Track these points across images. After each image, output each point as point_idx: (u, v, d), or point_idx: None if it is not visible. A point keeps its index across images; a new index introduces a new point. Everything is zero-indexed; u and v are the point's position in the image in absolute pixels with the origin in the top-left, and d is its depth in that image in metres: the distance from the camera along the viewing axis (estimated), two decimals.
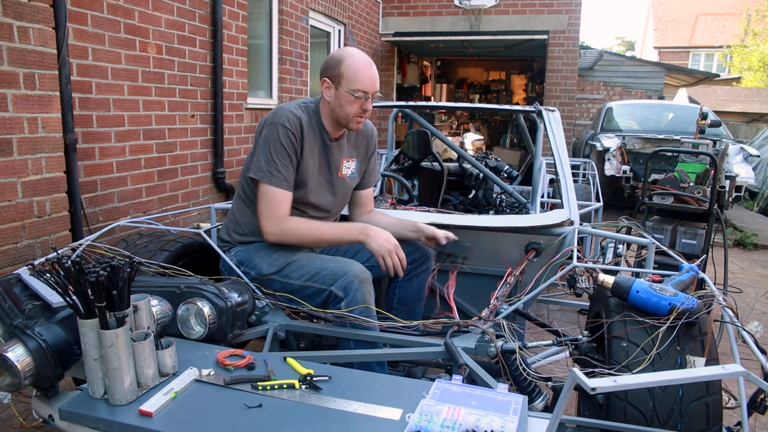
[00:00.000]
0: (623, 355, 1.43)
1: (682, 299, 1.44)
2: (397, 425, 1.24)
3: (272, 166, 1.90)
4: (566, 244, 2.19)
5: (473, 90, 14.49)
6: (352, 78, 1.92)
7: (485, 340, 1.65)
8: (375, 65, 1.99)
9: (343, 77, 1.92)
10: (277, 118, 1.92)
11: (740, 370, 1.03)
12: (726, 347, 1.60)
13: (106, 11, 3.43)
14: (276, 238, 1.94)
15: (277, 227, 1.92)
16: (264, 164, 1.90)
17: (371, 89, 1.95)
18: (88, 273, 1.25)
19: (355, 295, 1.78)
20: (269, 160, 1.90)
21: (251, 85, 5.41)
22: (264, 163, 1.90)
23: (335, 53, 1.98)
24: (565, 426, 1.35)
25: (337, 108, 1.97)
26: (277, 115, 1.93)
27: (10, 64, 2.63)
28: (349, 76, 1.92)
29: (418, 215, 2.47)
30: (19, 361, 1.31)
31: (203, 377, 1.42)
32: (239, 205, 2.09)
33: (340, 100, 1.95)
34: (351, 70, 1.92)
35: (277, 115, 1.93)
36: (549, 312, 3.69)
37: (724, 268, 3.08)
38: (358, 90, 1.92)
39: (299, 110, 1.97)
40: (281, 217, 1.92)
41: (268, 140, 1.91)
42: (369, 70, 1.95)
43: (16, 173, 2.73)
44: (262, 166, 1.91)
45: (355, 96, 1.93)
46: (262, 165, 1.91)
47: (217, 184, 4.79)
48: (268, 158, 1.90)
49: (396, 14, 9.71)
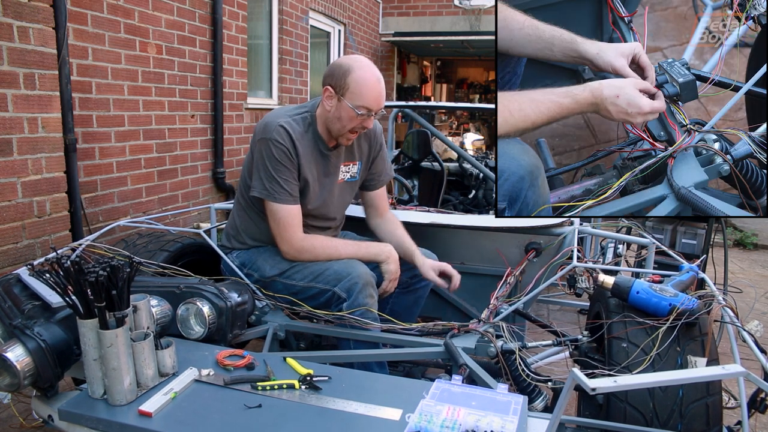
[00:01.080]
0: (623, 356, 1.42)
1: (682, 299, 1.44)
2: (397, 425, 1.24)
3: (273, 183, 1.85)
4: (566, 244, 2.19)
5: (473, 90, 14.50)
6: (358, 93, 1.81)
7: (485, 341, 1.65)
8: (383, 80, 1.89)
9: (348, 89, 1.81)
10: (267, 133, 1.85)
11: (740, 370, 1.03)
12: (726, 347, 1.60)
13: (106, 11, 3.42)
14: (292, 257, 1.91)
15: (292, 248, 1.89)
16: (266, 182, 1.86)
17: (376, 107, 1.84)
18: (88, 273, 1.25)
19: (358, 297, 1.78)
20: (270, 177, 1.85)
21: (251, 85, 5.41)
22: (265, 181, 1.86)
23: (343, 61, 1.86)
24: (565, 426, 1.34)
25: (335, 120, 1.87)
26: (267, 130, 1.85)
27: (10, 64, 2.63)
28: (354, 90, 1.80)
29: (418, 215, 2.47)
30: (18, 361, 1.31)
31: (203, 377, 1.42)
32: (239, 212, 2.06)
33: (340, 112, 1.84)
34: (358, 84, 1.80)
35: (267, 130, 1.85)
36: (549, 312, 3.69)
37: (724, 268, 3.08)
38: (362, 107, 1.82)
39: (290, 122, 1.88)
40: (295, 237, 1.89)
41: (264, 157, 1.86)
42: (377, 86, 1.83)
43: (16, 173, 2.73)
44: (264, 184, 1.86)
45: (358, 113, 1.82)
46: (264, 184, 1.86)
47: (217, 184, 4.79)
48: (268, 175, 1.85)
49: (396, 14, 9.71)
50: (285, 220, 1.87)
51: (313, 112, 1.95)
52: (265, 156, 1.85)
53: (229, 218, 2.13)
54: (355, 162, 2.09)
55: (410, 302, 2.18)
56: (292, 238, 1.88)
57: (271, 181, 1.85)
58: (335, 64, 1.87)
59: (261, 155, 1.87)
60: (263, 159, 1.86)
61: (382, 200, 2.21)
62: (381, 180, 2.19)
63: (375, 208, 2.19)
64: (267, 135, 1.85)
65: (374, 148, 2.14)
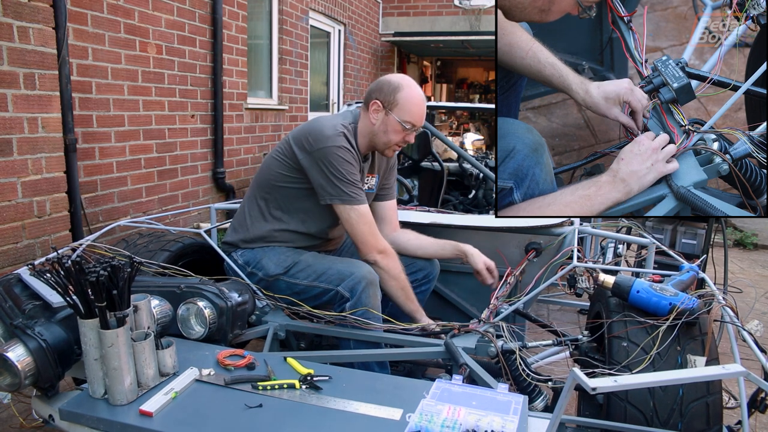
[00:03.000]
0: (623, 355, 1.43)
1: (682, 299, 1.45)
2: (398, 425, 1.24)
3: (353, 187, 1.90)
4: (566, 244, 2.19)
5: (473, 90, 14.49)
6: (407, 109, 1.92)
7: (485, 340, 1.65)
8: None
9: (397, 105, 1.91)
10: (333, 141, 1.88)
11: (740, 370, 1.03)
12: (726, 347, 1.60)
13: (106, 11, 3.43)
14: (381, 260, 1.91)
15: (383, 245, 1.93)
16: (343, 187, 1.88)
17: (419, 124, 1.97)
18: (89, 273, 1.25)
19: (361, 297, 1.78)
20: (348, 182, 1.89)
21: (251, 85, 5.41)
22: (343, 186, 1.88)
23: (392, 78, 1.97)
24: (565, 426, 1.35)
25: (381, 133, 1.96)
26: (332, 138, 1.89)
27: (10, 64, 2.63)
28: (403, 107, 1.91)
29: (418, 215, 2.47)
30: (19, 361, 1.31)
31: (203, 377, 1.42)
32: (253, 213, 2.05)
33: (387, 126, 1.94)
34: (407, 101, 1.92)
35: (332, 138, 1.89)
36: (549, 312, 3.69)
37: (724, 268, 3.08)
38: (409, 122, 1.93)
39: (346, 131, 1.94)
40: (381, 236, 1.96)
41: (336, 163, 1.87)
42: (423, 105, 1.95)
43: (16, 173, 2.73)
44: (344, 190, 1.88)
45: (405, 127, 1.93)
46: (342, 189, 1.88)
47: (217, 184, 4.79)
48: (345, 181, 1.88)
49: (396, 14, 9.71)
50: (371, 220, 1.93)
51: (356, 123, 2.01)
52: (337, 162, 1.88)
53: (237, 215, 2.13)
54: (374, 174, 2.15)
55: None
56: (380, 237, 1.94)
57: (350, 185, 1.89)
58: (384, 80, 1.97)
59: (329, 163, 1.88)
60: (334, 166, 1.88)
61: (395, 213, 2.26)
62: (393, 192, 2.26)
63: (389, 222, 2.23)
64: (334, 143, 1.88)
65: (390, 162, 2.23)
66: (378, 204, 2.22)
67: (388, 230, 2.20)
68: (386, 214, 2.22)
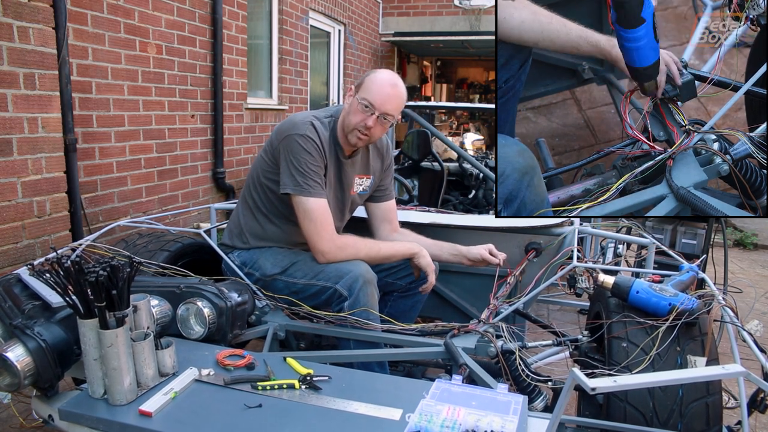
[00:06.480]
0: (623, 356, 1.42)
1: (682, 299, 1.44)
2: (397, 425, 1.24)
3: (306, 177, 1.84)
4: (566, 244, 2.19)
5: (473, 90, 14.49)
6: (367, 88, 1.88)
7: (485, 341, 1.65)
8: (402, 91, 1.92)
9: (362, 86, 1.90)
10: (296, 129, 1.87)
11: (740, 370, 1.03)
12: (726, 347, 1.60)
13: (106, 11, 3.43)
14: (332, 255, 1.85)
15: (333, 244, 1.86)
16: (297, 177, 1.84)
17: (378, 104, 1.86)
18: (88, 273, 1.25)
19: (359, 295, 1.78)
20: (301, 172, 1.84)
21: (251, 85, 5.41)
22: (297, 175, 1.84)
23: (374, 69, 1.99)
24: (565, 426, 1.35)
25: (346, 115, 1.93)
26: (298, 126, 1.87)
27: (10, 64, 2.63)
28: (365, 86, 1.89)
29: (418, 215, 2.47)
30: (18, 361, 1.31)
31: (203, 377, 1.42)
32: (245, 211, 2.06)
33: (351, 107, 1.91)
34: (370, 81, 1.89)
35: (298, 126, 1.87)
36: (549, 312, 3.69)
37: (724, 268, 3.08)
38: (366, 99, 1.86)
39: (317, 122, 1.92)
40: (333, 233, 1.88)
41: (293, 152, 1.85)
42: (386, 87, 1.88)
43: (16, 173, 2.73)
44: (297, 179, 1.84)
45: (364, 106, 1.86)
46: (296, 179, 1.84)
47: (217, 184, 4.79)
48: (299, 170, 1.84)
49: (396, 14, 9.71)
50: (322, 216, 1.85)
51: (337, 117, 1.99)
52: (296, 151, 1.85)
53: (232, 216, 2.13)
54: (369, 176, 2.13)
55: (408, 306, 2.19)
56: (332, 234, 1.87)
57: (304, 175, 1.84)
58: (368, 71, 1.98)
59: (290, 151, 1.86)
60: (293, 154, 1.85)
61: (394, 213, 2.24)
62: (390, 193, 2.24)
63: (389, 223, 2.21)
64: (297, 131, 1.87)
65: (385, 163, 2.20)
66: (377, 205, 2.21)
67: (387, 231, 2.20)
68: (386, 215, 2.21)
